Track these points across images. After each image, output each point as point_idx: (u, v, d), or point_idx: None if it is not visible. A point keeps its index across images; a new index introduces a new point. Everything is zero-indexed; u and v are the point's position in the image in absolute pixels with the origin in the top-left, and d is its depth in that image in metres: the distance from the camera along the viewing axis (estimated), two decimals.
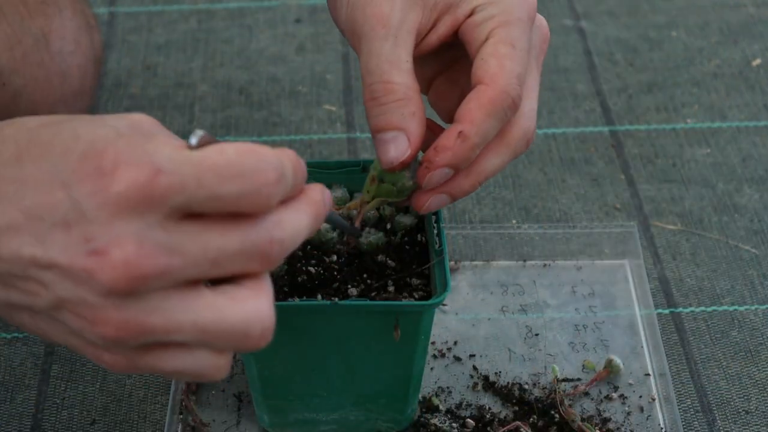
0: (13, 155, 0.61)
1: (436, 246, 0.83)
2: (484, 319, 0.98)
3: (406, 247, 0.86)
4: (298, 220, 0.64)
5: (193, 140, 0.61)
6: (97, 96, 1.21)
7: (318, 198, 0.66)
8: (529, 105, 0.78)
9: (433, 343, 0.95)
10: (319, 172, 0.89)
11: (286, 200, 0.63)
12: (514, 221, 1.08)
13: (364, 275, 0.84)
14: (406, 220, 0.87)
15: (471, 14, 0.77)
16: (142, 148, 0.59)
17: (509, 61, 0.75)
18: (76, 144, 0.60)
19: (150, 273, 0.59)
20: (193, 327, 0.61)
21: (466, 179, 0.78)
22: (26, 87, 0.98)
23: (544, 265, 1.03)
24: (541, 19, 0.81)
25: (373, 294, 0.82)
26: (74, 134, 0.60)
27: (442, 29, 0.78)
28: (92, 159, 0.59)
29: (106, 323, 0.60)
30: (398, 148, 0.76)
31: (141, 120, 0.64)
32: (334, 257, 0.85)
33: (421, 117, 0.76)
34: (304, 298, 0.82)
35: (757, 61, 1.27)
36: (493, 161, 0.78)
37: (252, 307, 0.62)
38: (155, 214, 0.59)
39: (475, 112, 0.75)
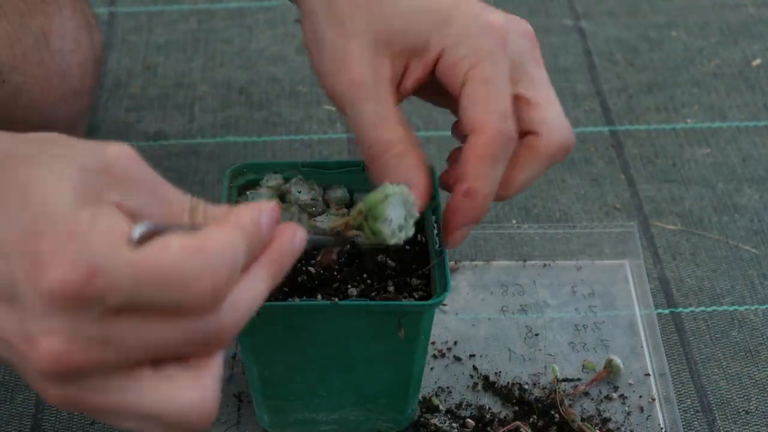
0: None
1: (436, 246, 0.83)
2: (484, 319, 0.98)
3: (406, 247, 0.86)
4: (255, 290, 0.61)
5: (136, 233, 0.57)
6: (97, 95, 1.21)
7: (284, 249, 0.63)
8: (553, 113, 0.78)
9: (433, 343, 0.95)
10: (319, 172, 0.89)
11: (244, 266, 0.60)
12: (514, 221, 1.08)
13: (364, 275, 0.84)
14: None
15: (441, 56, 0.76)
16: (83, 240, 0.56)
17: (491, 102, 0.75)
18: (23, 212, 0.57)
19: (81, 365, 0.57)
20: (134, 410, 0.58)
21: (499, 193, 0.78)
22: (26, 85, 0.98)
23: (544, 265, 1.03)
24: (519, 25, 0.79)
25: (373, 294, 0.82)
26: (24, 195, 0.57)
27: (416, 73, 0.78)
28: (32, 240, 0.56)
29: (46, 393, 0.58)
30: None
31: (116, 161, 0.60)
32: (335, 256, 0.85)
33: (423, 168, 0.76)
34: (304, 298, 0.82)
35: (757, 61, 1.27)
36: (527, 174, 0.78)
37: (192, 396, 0.59)
38: (89, 310, 0.56)
39: (474, 165, 0.74)
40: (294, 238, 0.64)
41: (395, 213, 0.74)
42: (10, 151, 0.60)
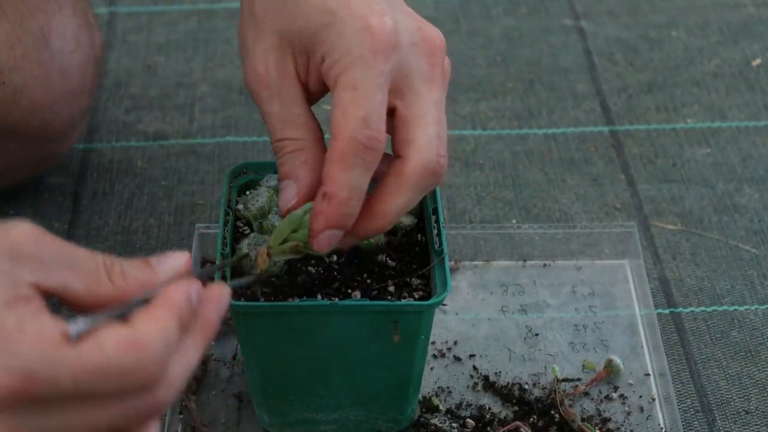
0: None
1: (436, 246, 0.83)
2: (484, 319, 0.98)
3: (406, 247, 0.86)
4: (189, 360, 0.63)
5: (73, 331, 0.59)
6: (97, 95, 1.21)
7: (213, 315, 0.65)
8: (425, 136, 0.75)
9: (433, 343, 0.95)
10: None
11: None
12: (514, 221, 1.08)
13: (364, 275, 0.84)
14: (406, 220, 0.87)
15: (323, 61, 0.75)
16: (15, 346, 0.57)
17: (351, 107, 0.73)
18: None
19: None
20: None
21: (371, 222, 0.76)
22: (26, 85, 0.98)
23: (544, 265, 1.03)
24: (422, 33, 0.76)
25: (374, 293, 0.82)
26: None
27: (314, 74, 0.77)
28: None
29: None
30: (286, 196, 0.76)
31: (21, 242, 0.61)
32: (334, 257, 0.85)
33: (313, 165, 0.76)
34: (304, 298, 0.82)
35: (757, 61, 1.27)
36: (395, 201, 0.75)
37: None
38: (29, 407, 0.58)
39: (330, 169, 0.73)
40: (221, 300, 0.65)
41: None
42: None
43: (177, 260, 0.65)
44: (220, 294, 0.66)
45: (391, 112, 0.75)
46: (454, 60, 0.86)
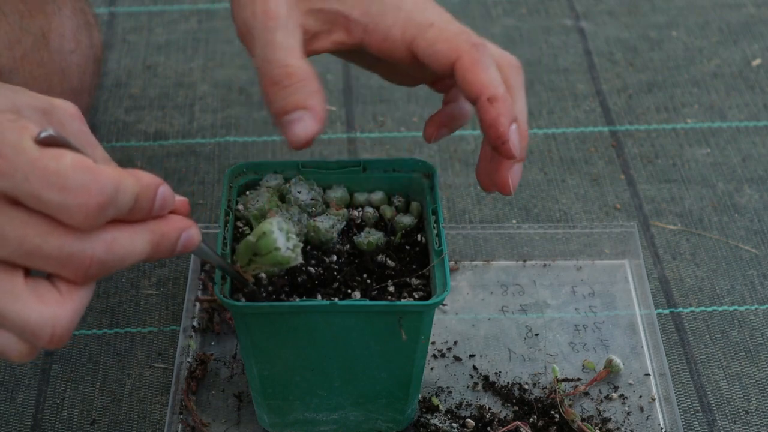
0: None
1: (436, 246, 0.83)
2: (484, 319, 0.98)
3: (406, 247, 0.86)
4: (132, 244, 0.66)
5: (42, 134, 0.62)
6: (97, 95, 1.21)
7: (168, 231, 0.68)
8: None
9: (433, 343, 0.96)
10: (319, 172, 0.89)
11: (130, 221, 0.65)
12: (514, 221, 1.08)
13: (364, 275, 0.84)
14: (406, 220, 0.87)
15: (414, 40, 0.81)
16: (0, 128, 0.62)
17: (463, 34, 0.81)
18: None
19: None
20: (1, 314, 0.64)
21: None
22: (26, 85, 0.98)
23: (544, 265, 1.03)
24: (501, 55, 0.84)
25: (374, 293, 0.82)
26: None
27: (338, 37, 0.83)
28: None
29: None
30: (307, 126, 0.79)
31: (58, 108, 0.67)
32: (334, 257, 0.85)
33: (322, 94, 0.80)
34: (304, 298, 0.82)
35: (757, 61, 1.27)
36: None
37: (49, 313, 0.64)
38: None
39: (480, 75, 0.79)
40: (184, 232, 0.69)
41: (281, 239, 0.77)
42: None
43: (164, 184, 0.68)
44: (189, 226, 0.69)
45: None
46: None
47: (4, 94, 0.66)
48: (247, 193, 0.88)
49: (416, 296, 0.82)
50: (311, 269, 0.84)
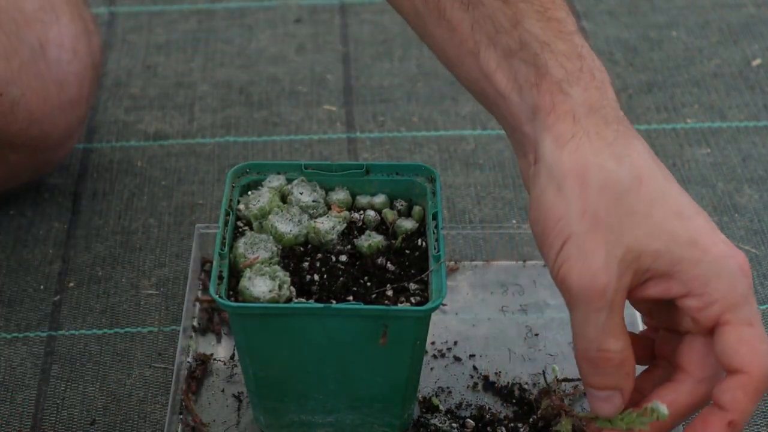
0: None
1: (435, 251, 0.83)
2: (484, 319, 0.98)
3: (407, 251, 0.86)
4: None
5: None
6: (97, 95, 1.21)
7: None
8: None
9: (433, 343, 0.96)
10: (322, 173, 0.89)
11: None
12: (514, 221, 1.08)
13: (365, 278, 0.84)
14: (408, 224, 0.87)
15: (690, 291, 0.76)
16: None
17: (760, 344, 0.76)
18: None
19: None
20: None
21: None
22: (23, 97, 0.98)
23: (544, 265, 1.03)
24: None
25: (373, 296, 0.82)
26: None
27: (652, 292, 0.78)
28: None
29: None
30: (615, 405, 0.78)
31: None
32: (334, 258, 0.85)
33: (633, 374, 0.78)
34: (300, 299, 0.82)
35: (757, 61, 1.27)
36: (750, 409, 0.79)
37: None
38: None
39: (743, 402, 0.76)
40: None
41: (256, 291, 0.81)
42: None
43: None
44: None
45: None
46: None
47: None
48: (249, 193, 0.88)
49: (413, 301, 0.82)
50: (311, 269, 0.84)
